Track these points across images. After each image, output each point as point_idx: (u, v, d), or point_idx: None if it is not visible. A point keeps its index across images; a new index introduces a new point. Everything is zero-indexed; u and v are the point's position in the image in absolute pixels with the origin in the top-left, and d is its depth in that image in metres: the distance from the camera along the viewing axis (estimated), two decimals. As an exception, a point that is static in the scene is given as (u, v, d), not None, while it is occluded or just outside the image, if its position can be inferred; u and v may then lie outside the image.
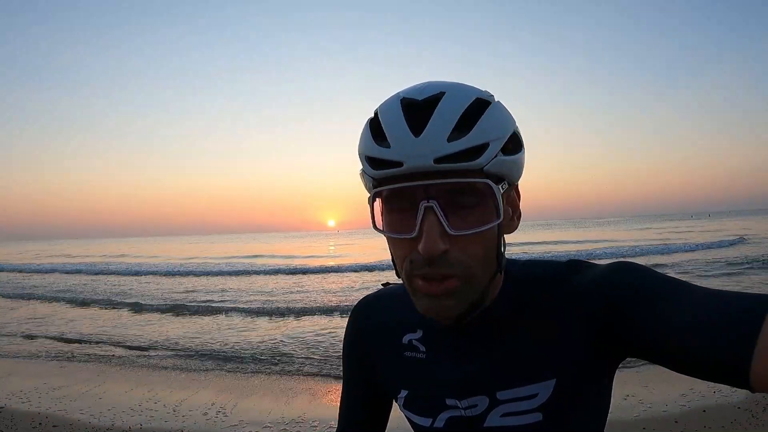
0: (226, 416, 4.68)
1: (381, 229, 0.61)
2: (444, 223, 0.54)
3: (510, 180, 0.60)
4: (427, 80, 0.60)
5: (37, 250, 64.94)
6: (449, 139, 0.53)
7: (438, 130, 0.53)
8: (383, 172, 0.56)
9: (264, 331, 8.98)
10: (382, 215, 0.61)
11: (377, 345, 0.76)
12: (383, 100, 0.61)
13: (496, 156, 0.55)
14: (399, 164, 0.54)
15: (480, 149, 0.54)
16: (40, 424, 4.47)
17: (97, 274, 23.99)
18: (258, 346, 7.76)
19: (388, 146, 0.55)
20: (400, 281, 0.66)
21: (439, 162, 0.53)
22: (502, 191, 0.57)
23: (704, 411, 4.14)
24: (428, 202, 0.54)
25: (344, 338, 0.83)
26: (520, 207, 0.65)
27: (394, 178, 0.56)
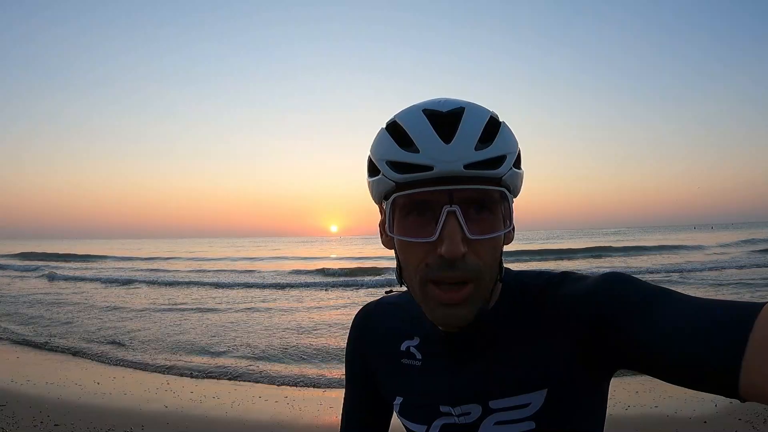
0: (230, 418, 4.68)
1: (396, 234, 0.62)
2: (464, 228, 0.57)
3: (515, 193, 0.64)
4: (433, 92, 0.65)
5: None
6: (476, 148, 0.57)
7: (466, 138, 0.57)
8: (410, 176, 0.58)
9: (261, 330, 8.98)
10: (395, 220, 0.63)
11: (377, 352, 0.79)
12: (396, 111, 0.64)
13: (511, 168, 0.60)
14: (429, 168, 0.57)
15: (500, 160, 0.59)
16: (41, 422, 4.48)
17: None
18: (258, 347, 7.77)
19: (417, 151, 0.58)
20: (402, 288, 0.69)
21: (468, 168, 0.57)
22: (512, 201, 0.62)
23: (705, 422, 4.13)
24: (451, 206, 0.57)
25: (347, 345, 0.85)
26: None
27: (418, 183, 0.59)
